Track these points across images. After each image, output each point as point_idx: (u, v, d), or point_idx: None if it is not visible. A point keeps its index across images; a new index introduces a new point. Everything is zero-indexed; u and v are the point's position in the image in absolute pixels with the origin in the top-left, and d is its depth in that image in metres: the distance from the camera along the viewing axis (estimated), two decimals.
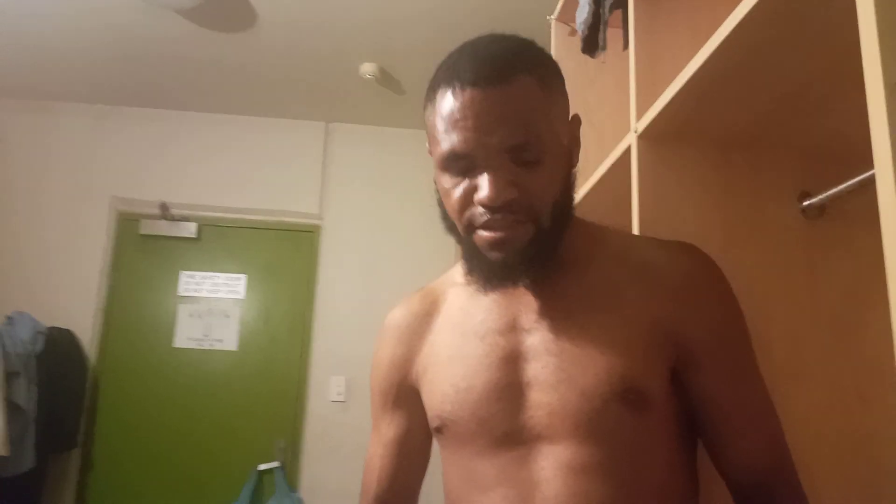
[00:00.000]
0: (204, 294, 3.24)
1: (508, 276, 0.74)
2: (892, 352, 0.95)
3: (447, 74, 0.71)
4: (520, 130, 0.69)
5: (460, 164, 0.71)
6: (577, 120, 0.80)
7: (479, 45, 0.73)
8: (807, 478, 0.77)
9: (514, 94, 0.69)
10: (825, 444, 0.90)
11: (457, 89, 0.69)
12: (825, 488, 0.86)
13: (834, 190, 0.94)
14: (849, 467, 0.91)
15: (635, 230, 0.99)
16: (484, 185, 0.69)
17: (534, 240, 0.72)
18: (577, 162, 0.80)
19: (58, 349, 2.82)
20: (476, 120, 0.68)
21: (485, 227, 0.72)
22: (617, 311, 0.75)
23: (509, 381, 0.76)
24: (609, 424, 0.71)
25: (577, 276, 0.78)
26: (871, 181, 0.86)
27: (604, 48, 1.21)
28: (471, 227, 0.73)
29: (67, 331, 2.96)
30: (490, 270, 0.74)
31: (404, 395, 0.89)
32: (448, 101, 0.70)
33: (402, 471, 0.91)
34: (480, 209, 0.71)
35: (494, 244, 0.72)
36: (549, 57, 0.77)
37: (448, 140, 0.70)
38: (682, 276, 0.76)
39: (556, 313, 0.77)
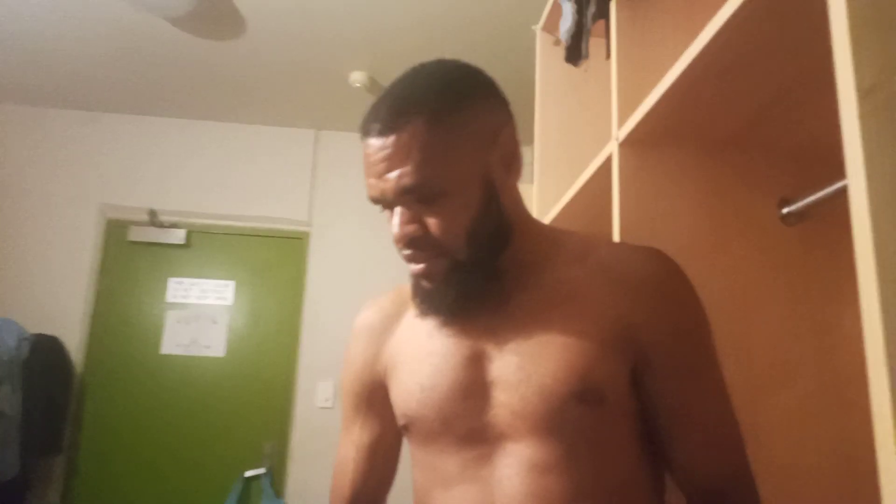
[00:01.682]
0: (192, 300, 3.23)
1: (443, 306, 0.78)
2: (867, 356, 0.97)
3: (362, 121, 0.76)
4: (412, 174, 0.71)
5: (379, 205, 0.77)
6: (507, 137, 0.78)
7: (393, 86, 0.77)
8: (786, 480, 0.78)
9: (403, 140, 0.72)
10: (805, 448, 0.91)
11: (363, 138, 0.75)
12: (804, 491, 0.87)
13: (812, 197, 0.96)
14: (828, 470, 0.92)
15: (616, 237, 1.00)
16: (392, 224, 0.75)
17: (453, 271, 0.76)
18: (516, 176, 0.80)
19: (43, 356, 2.80)
20: (375, 167, 0.73)
21: (407, 260, 0.78)
22: (576, 311, 0.76)
23: (473, 380, 0.77)
24: (569, 423, 0.72)
25: (537, 278, 0.80)
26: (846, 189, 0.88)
27: (586, 56, 1.23)
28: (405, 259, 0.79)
29: (53, 338, 2.94)
30: (425, 299, 0.79)
31: (377, 396, 0.90)
32: (363, 148, 0.76)
33: (375, 474, 0.93)
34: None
35: (418, 276, 0.78)
36: (452, 89, 0.75)
37: (366, 185, 0.76)
38: (641, 278, 0.77)
39: (517, 314, 0.78)
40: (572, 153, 1.60)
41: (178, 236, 3.27)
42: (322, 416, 3.13)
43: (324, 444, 3.05)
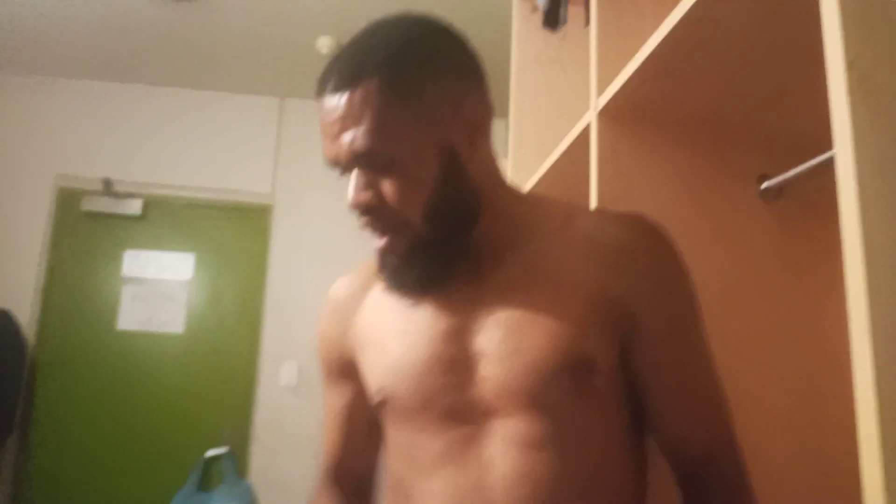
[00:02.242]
0: (149, 275, 3.14)
1: (407, 283, 0.75)
2: (847, 337, 0.96)
3: (318, 79, 0.73)
4: (363, 138, 0.68)
5: (337, 169, 0.73)
6: (472, 105, 0.73)
7: (350, 42, 0.73)
8: (761, 465, 0.76)
9: (355, 100, 0.68)
10: (780, 432, 0.90)
11: (317, 97, 0.72)
12: (780, 476, 0.86)
13: (791, 172, 0.95)
14: (803, 455, 0.91)
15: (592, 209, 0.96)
16: (348, 188, 0.72)
17: (415, 248, 0.72)
18: (485, 147, 0.75)
19: None
20: (328, 128, 0.70)
21: (366, 228, 0.74)
22: (562, 281, 0.73)
23: (454, 354, 0.73)
24: (559, 396, 0.69)
25: (518, 250, 0.77)
26: (829, 164, 0.86)
27: (565, 22, 1.18)
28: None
29: (3, 311, 2.83)
30: (389, 275, 0.76)
31: (347, 369, 0.87)
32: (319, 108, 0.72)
33: (352, 438, 0.90)
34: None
35: (382, 250, 0.74)
36: (412, 50, 0.71)
37: (322, 146, 0.73)
38: (626, 245, 0.74)
39: (499, 285, 0.75)
40: (548, 126, 1.56)
41: (135, 207, 3.16)
42: (286, 396, 3.08)
43: (288, 424, 3.01)
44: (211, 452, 2.97)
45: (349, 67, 0.69)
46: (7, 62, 3.03)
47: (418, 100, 0.69)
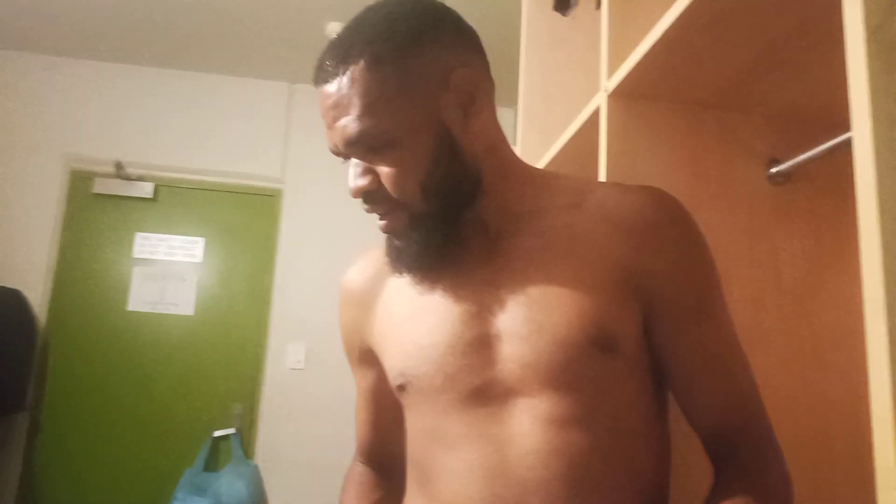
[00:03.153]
0: (160, 257, 3.15)
1: (408, 261, 0.76)
2: (849, 318, 0.96)
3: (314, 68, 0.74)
4: (355, 122, 0.69)
5: (339, 157, 0.75)
6: (462, 77, 0.72)
7: (343, 28, 0.74)
8: None
9: (345, 85, 0.69)
10: (781, 407, 0.91)
11: (315, 86, 0.73)
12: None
13: (802, 157, 0.94)
14: (802, 430, 0.91)
15: None
16: (348, 176, 0.73)
17: (414, 224, 0.73)
18: (482, 119, 0.74)
19: (4, 309, 2.72)
20: (326, 116, 0.72)
21: (369, 213, 0.76)
22: (583, 256, 0.73)
23: (476, 335, 0.73)
24: (586, 373, 0.69)
25: (533, 226, 0.76)
26: (840, 147, 0.86)
27: (576, 4, 1.18)
28: None
29: (15, 291, 2.85)
30: (392, 256, 0.77)
31: (366, 355, 0.88)
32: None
33: (380, 415, 0.92)
34: None
35: (383, 231, 0.76)
36: (397, 29, 0.70)
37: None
38: (644, 219, 0.74)
39: (519, 263, 0.74)
40: (556, 112, 1.56)
41: (146, 190, 3.18)
42: (293, 378, 3.10)
43: (295, 405, 3.04)
44: (218, 433, 3.00)
45: (338, 53, 0.70)
46: (21, 42, 3.03)
47: (403, 77, 0.69)
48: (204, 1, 2.59)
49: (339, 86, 0.69)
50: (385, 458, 0.93)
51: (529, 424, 0.69)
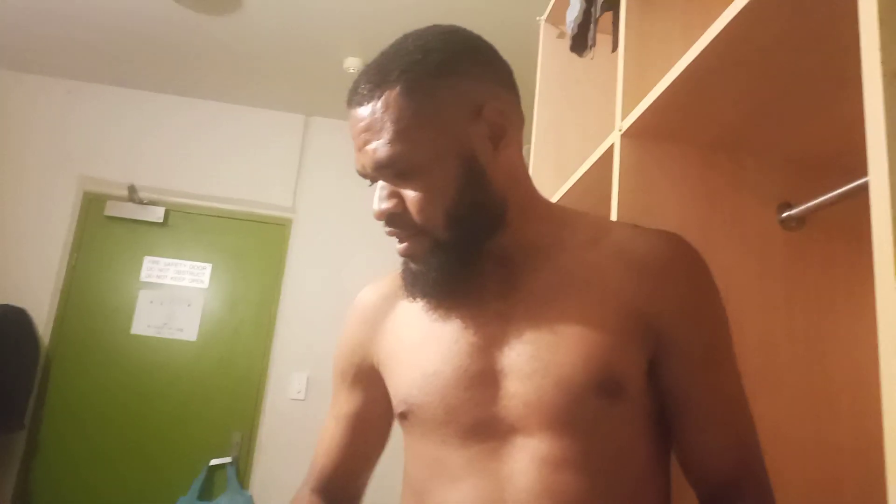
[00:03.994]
0: (167, 281, 3.16)
1: (425, 287, 0.76)
2: (861, 365, 0.95)
3: (348, 91, 0.75)
4: (385, 147, 0.69)
5: (366, 179, 0.75)
6: (494, 109, 0.72)
7: (380, 54, 0.75)
8: (772, 484, 0.75)
9: (378, 110, 0.70)
10: (792, 452, 0.89)
11: (347, 108, 0.74)
12: (789, 496, 0.85)
13: (815, 201, 0.94)
14: (812, 476, 0.90)
15: None
16: (374, 198, 0.74)
17: (435, 251, 0.73)
18: (510, 152, 0.75)
19: (8, 326, 2.72)
20: (356, 139, 0.72)
21: (390, 236, 0.76)
22: (593, 297, 0.73)
23: (481, 369, 0.73)
24: (587, 416, 0.68)
25: (550, 263, 0.76)
26: (856, 192, 0.86)
27: (593, 45, 1.20)
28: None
29: (20, 309, 2.86)
30: (409, 281, 0.77)
31: (363, 376, 0.87)
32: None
33: (352, 447, 0.90)
34: None
35: (401, 255, 0.76)
36: (432, 58, 0.71)
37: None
38: (659, 261, 0.74)
39: (530, 299, 0.74)
40: (569, 151, 1.58)
41: (157, 214, 3.20)
42: (293, 408, 3.07)
43: (294, 436, 3.00)
44: (215, 461, 2.96)
45: (374, 78, 0.71)
46: (42, 66, 3.09)
47: (436, 106, 0.70)
48: (226, 33, 2.64)
49: (372, 109, 0.70)
50: (344, 493, 0.90)
51: (526, 463, 0.68)
